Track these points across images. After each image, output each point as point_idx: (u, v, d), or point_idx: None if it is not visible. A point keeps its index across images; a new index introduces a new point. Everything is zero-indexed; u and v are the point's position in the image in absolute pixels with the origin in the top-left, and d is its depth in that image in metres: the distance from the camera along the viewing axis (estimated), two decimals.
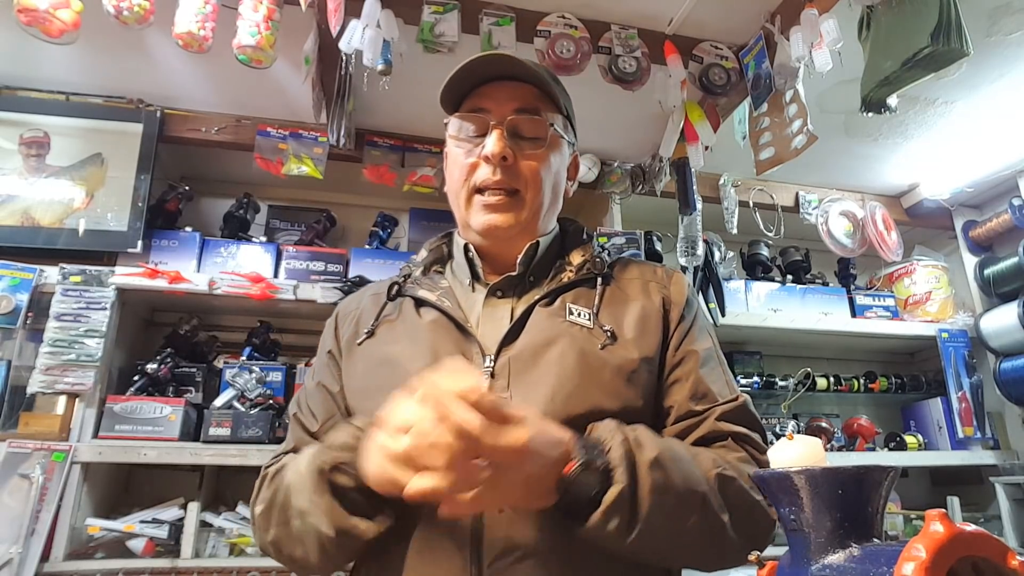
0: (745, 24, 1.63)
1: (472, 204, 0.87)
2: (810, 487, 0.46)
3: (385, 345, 0.86)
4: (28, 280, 1.72)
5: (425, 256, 0.96)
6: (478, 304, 0.87)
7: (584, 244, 0.93)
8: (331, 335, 0.95)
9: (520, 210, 0.86)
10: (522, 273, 0.88)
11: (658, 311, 0.87)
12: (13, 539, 1.49)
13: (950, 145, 2.17)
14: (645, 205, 2.25)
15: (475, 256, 0.90)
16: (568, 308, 0.84)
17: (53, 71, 1.80)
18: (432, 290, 0.88)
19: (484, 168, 0.85)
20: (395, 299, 0.91)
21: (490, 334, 0.82)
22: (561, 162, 0.91)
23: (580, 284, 0.88)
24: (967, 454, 2.26)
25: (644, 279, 0.91)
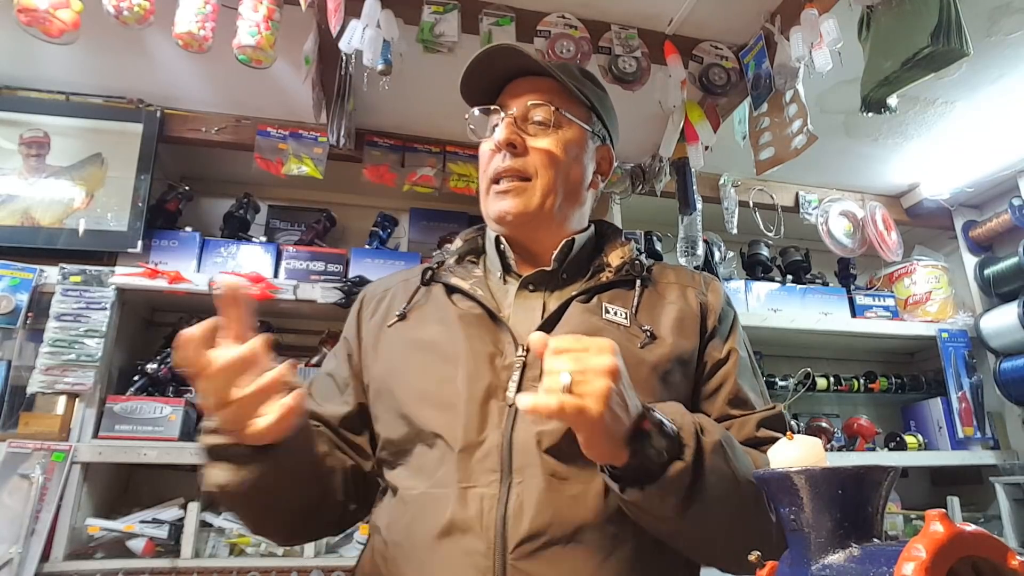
0: (745, 24, 1.63)
1: (489, 194, 0.89)
2: (810, 487, 0.46)
3: (417, 329, 0.86)
4: (28, 280, 1.72)
5: (460, 245, 0.97)
6: (510, 295, 0.87)
7: (623, 245, 0.93)
8: (353, 321, 0.95)
9: (531, 196, 0.86)
10: (556, 269, 0.89)
11: (695, 316, 0.87)
12: (13, 539, 1.49)
13: (950, 145, 2.17)
14: (645, 205, 2.25)
15: (507, 248, 0.91)
16: (604, 307, 0.84)
17: (53, 71, 1.80)
18: (465, 278, 0.89)
19: (497, 157, 0.88)
20: (428, 284, 0.92)
21: (522, 325, 0.82)
22: (580, 152, 0.91)
23: (618, 285, 0.88)
24: (967, 454, 2.26)
25: (682, 284, 0.91)
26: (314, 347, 2.04)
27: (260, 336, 0.67)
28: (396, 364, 0.85)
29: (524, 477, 0.72)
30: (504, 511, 0.70)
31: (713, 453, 0.67)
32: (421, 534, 0.73)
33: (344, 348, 0.94)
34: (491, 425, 0.75)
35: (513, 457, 0.73)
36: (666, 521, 0.67)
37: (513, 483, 0.72)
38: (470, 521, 0.71)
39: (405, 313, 0.89)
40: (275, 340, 2.03)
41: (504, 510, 0.71)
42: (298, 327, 2.12)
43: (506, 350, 0.80)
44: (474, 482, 0.73)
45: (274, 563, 1.65)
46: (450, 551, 0.70)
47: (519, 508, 0.70)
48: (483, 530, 0.70)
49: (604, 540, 0.70)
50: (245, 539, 1.70)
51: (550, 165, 0.87)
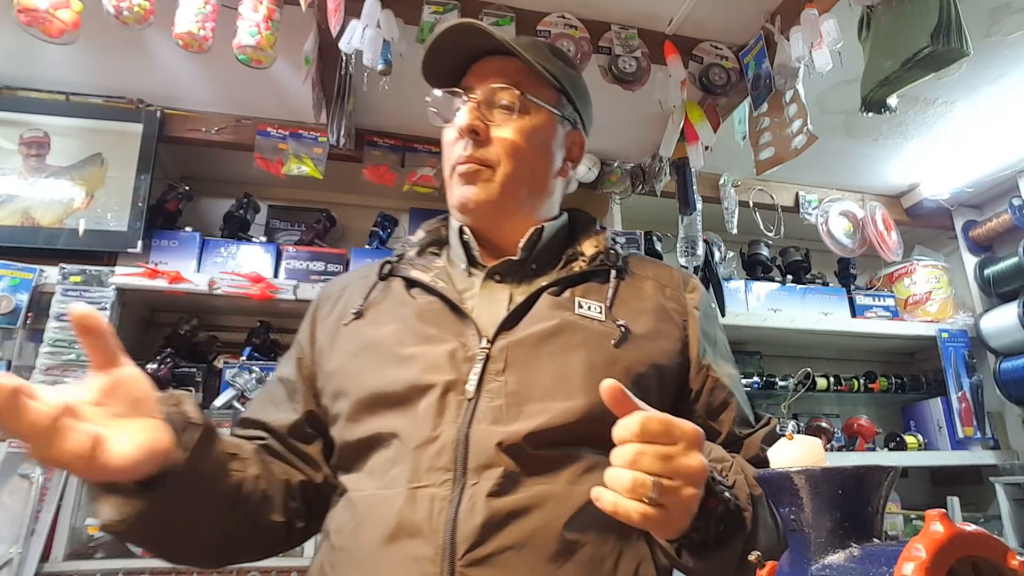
0: (745, 24, 1.63)
1: (452, 180, 0.85)
2: (810, 487, 0.46)
3: (374, 326, 0.82)
4: (28, 280, 1.72)
5: (422, 236, 0.92)
6: (475, 287, 0.83)
7: (597, 235, 0.88)
8: (308, 323, 0.91)
9: (493, 185, 0.82)
10: (524, 259, 0.84)
11: (675, 319, 0.83)
12: (13, 539, 1.49)
13: (950, 145, 2.17)
14: (645, 205, 2.24)
15: (470, 238, 0.85)
16: (577, 302, 0.79)
17: (53, 71, 1.80)
18: (425, 271, 0.84)
19: (460, 144, 0.83)
20: (386, 279, 0.87)
21: (486, 317, 0.77)
22: (547, 138, 0.86)
23: (592, 276, 0.83)
24: (967, 454, 2.26)
25: (660, 282, 0.86)
26: None
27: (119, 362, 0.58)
28: (351, 364, 0.80)
29: (480, 478, 0.67)
30: (455, 513, 0.66)
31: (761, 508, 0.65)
32: (368, 538, 0.69)
33: (295, 352, 0.89)
34: (447, 420, 0.70)
35: (469, 456, 0.68)
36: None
37: (467, 484, 0.67)
38: (419, 524, 0.66)
39: (361, 311, 0.84)
40: (275, 340, 2.03)
41: (455, 512, 0.66)
42: (298, 327, 2.11)
43: (469, 343, 0.75)
44: (425, 482, 0.68)
45: (274, 563, 1.65)
46: (397, 556, 0.66)
47: (471, 510, 0.66)
48: (432, 534, 0.65)
49: (560, 546, 0.66)
50: None
51: (514, 154, 0.82)
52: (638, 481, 0.54)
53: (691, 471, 0.56)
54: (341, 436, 0.78)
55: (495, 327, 0.76)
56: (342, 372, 0.80)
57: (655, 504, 0.54)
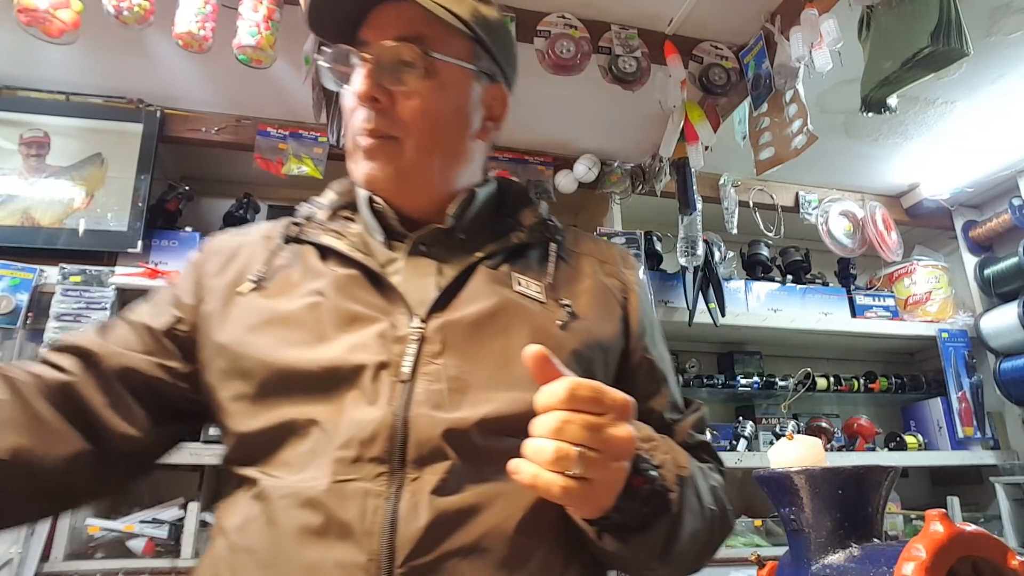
0: (745, 24, 1.63)
1: (354, 153, 0.74)
2: (810, 487, 0.46)
3: (281, 298, 0.69)
4: (28, 280, 1.72)
5: (333, 198, 0.79)
6: (398, 261, 0.72)
7: (531, 205, 0.80)
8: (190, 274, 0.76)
9: (400, 159, 0.72)
10: (452, 227, 0.74)
11: (615, 297, 0.77)
12: (13, 539, 1.49)
13: (950, 145, 2.17)
14: (645, 205, 2.24)
15: (384, 208, 0.74)
16: (515, 279, 0.71)
17: (53, 71, 1.80)
18: (340, 237, 0.72)
19: (359, 112, 0.72)
20: (291, 244, 0.75)
21: (415, 293, 0.67)
22: (461, 98, 0.75)
23: (529, 250, 0.76)
24: (967, 454, 2.26)
25: (599, 257, 0.80)
26: None
27: None
28: (252, 340, 0.66)
29: (421, 472, 0.59)
30: (393, 513, 0.56)
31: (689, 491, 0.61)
32: (283, 539, 0.58)
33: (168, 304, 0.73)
34: (379, 406, 0.61)
35: (409, 446, 0.59)
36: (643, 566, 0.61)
37: (407, 479, 0.58)
38: (350, 524, 0.56)
39: (262, 279, 0.71)
40: None
41: (393, 512, 0.57)
42: None
43: (397, 322, 0.65)
44: (355, 475, 0.58)
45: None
46: (319, 562, 0.56)
47: (413, 510, 0.57)
48: (365, 537, 0.56)
49: (512, 551, 0.58)
50: None
51: (422, 122, 0.72)
52: (562, 452, 0.49)
53: (620, 443, 0.51)
54: (238, 424, 0.65)
55: (427, 305, 0.67)
56: (239, 348, 0.67)
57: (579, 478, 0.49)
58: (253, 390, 0.65)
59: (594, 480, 0.50)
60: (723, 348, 2.49)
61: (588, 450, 0.49)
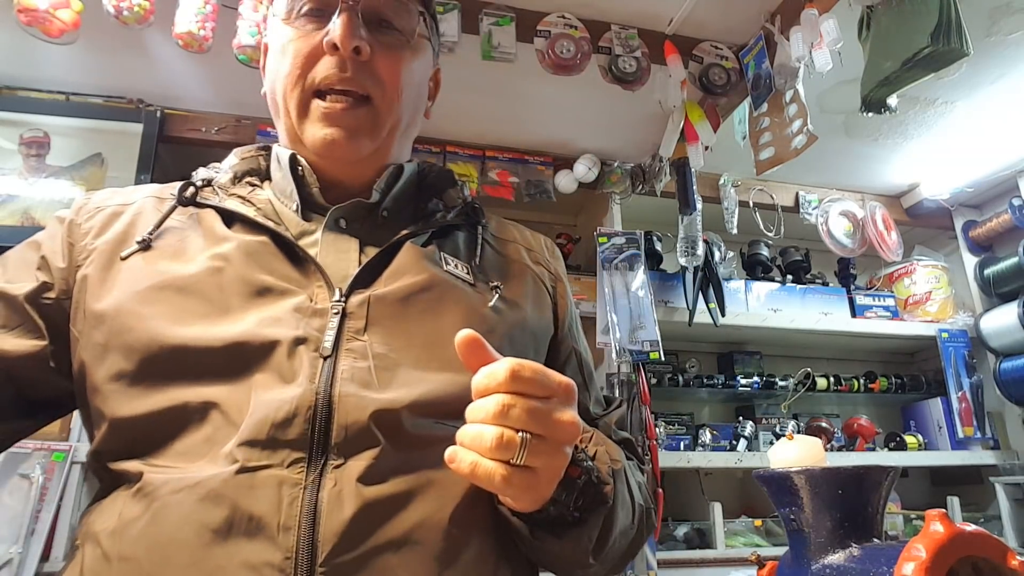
0: (745, 24, 1.63)
1: (309, 111, 0.66)
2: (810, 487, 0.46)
3: (171, 263, 0.60)
4: None
5: (235, 163, 0.73)
6: (315, 234, 0.65)
7: (455, 186, 0.76)
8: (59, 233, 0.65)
9: (374, 127, 0.66)
10: (376, 203, 0.68)
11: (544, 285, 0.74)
12: (13, 539, 1.49)
13: (950, 145, 2.17)
14: (645, 205, 2.25)
15: (307, 172, 0.68)
16: (443, 257, 0.67)
17: (53, 71, 1.80)
18: (246, 204, 0.65)
19: (327, 61, 0.64)
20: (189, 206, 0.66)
21: (335, 267, 0.61)
22: (424, 72, 0.72)
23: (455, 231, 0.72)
24: (967, 454, 2.26)
25: (526, 244, 0.77)
26: None
27: None
28: (137, 308, 0.57)
29: (346, 459, 0.52)
30: (314, 504, 0.50)
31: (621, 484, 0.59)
32: (176, 540, 0.48)
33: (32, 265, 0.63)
34: (298, 383, 0.54)
35: (331, 430, 0.52)
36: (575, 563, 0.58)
37: (328, 465, 0.52)
38: (262, 518, 0.49)
39: (150, 240, 0.62)
40: None
41: (314, 503, 0.50)
42: None
43: (316, 295, 0.59)
44: (267, 461, 0.51)
45: None
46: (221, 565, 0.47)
47: (337, 500, 0.50)
48: (281, 532, 0.49)
49: (445, 544, 0.53)
50: None
51: (401, 85, 0.66)
52: (505, 438, 0.45)
53: (566, 427, 0.47)
54: (116, 409, 0.55)
55: (348, 280, 0.60)
56: (121, 318, 0.57)
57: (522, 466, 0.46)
58: (136, 367, 0.55)
59: (538, 468, 0.47)
60: (723, 348, 2.49)
61: (532, 436, 0.46)
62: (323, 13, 0.65)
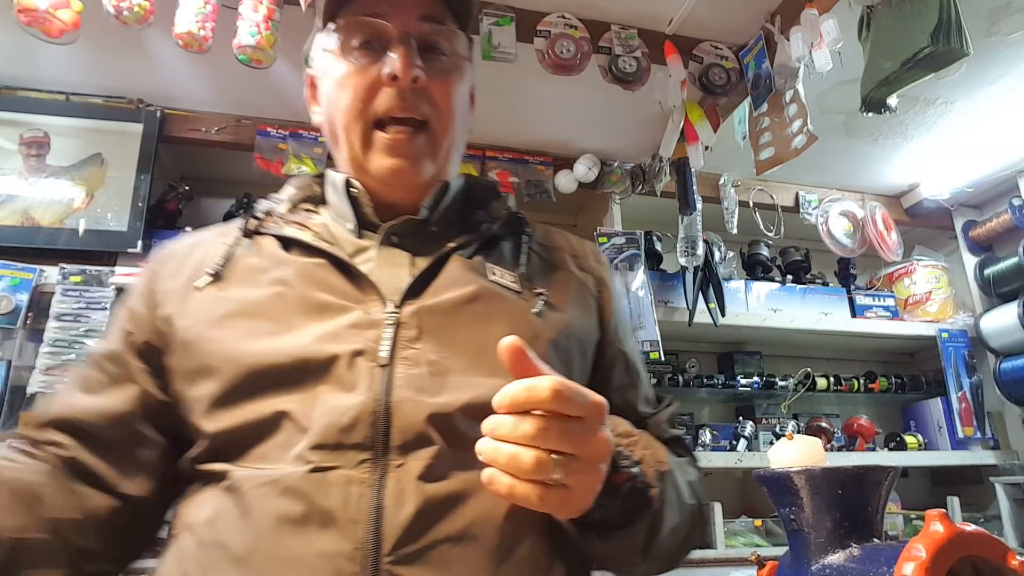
0: (745, 24, 1.63)
1: (373, 142, 0.69)
2: (810, 487, 0.46)
3: (240, 289, 0.66)
4: (28, 280, 1.72)
5: (292, 193, 0.76)
6: (369, 251, 0.69)
7: (500, 198, 0.80)
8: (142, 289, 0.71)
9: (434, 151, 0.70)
10: (425, 219, 0.71)
11: (590, 291, 0.76)
12: None
13: (950, 145, 2.17)
14: (645, 205, 2.25)
15: (361, 193, 0.71)
16: (489, 268, 0.69)
17: (53, 71, 1.80)
18: (303, 228, 0.69)
19: (386, 93, 0.67)
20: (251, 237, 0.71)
21: (388, 282, 0.65)
22: (468, 86, 0.76)
23: (501, 242, 0.74)
24: (967, 454, 2.26)
25: (571, 251, 0.79)
26: None
27: None
28: (214, 334, 0.63)
29: (406, 458, 0.56)
30: (379, 501, 0.54)
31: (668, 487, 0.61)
32: (259, 530, 0.54)
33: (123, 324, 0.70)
34: (359, 392, 0.58)
35: (391, 433, 0.57)
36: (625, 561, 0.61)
37: (391, 465, 0.56)
38: (332, 512, 0.54)
39: (219, 271, 0.67)
40: None
41: (379, 499, 0.54)
42: None
43: (370, 309, 0.63)
44: (336, 462, 0.56)
45: None
46: (301, 553, 0.53)
47: (399, 496, 0.54)
48: (350, 525, 0.53)
49: (500, 540, 0.56)
50: None
51: (454, 108, 0.70)
52: (541, 462, 0.46)
53: (599, 447, 0.50)
54: (207, 425, 0.62)
55: (400, 292, 0.64)
56: (202, 344, 0.63)
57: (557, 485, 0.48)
58: (219, 388, 0.61)
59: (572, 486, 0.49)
60: (723, 348, 2.49)
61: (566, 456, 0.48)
62: (376, 46, 0.69)
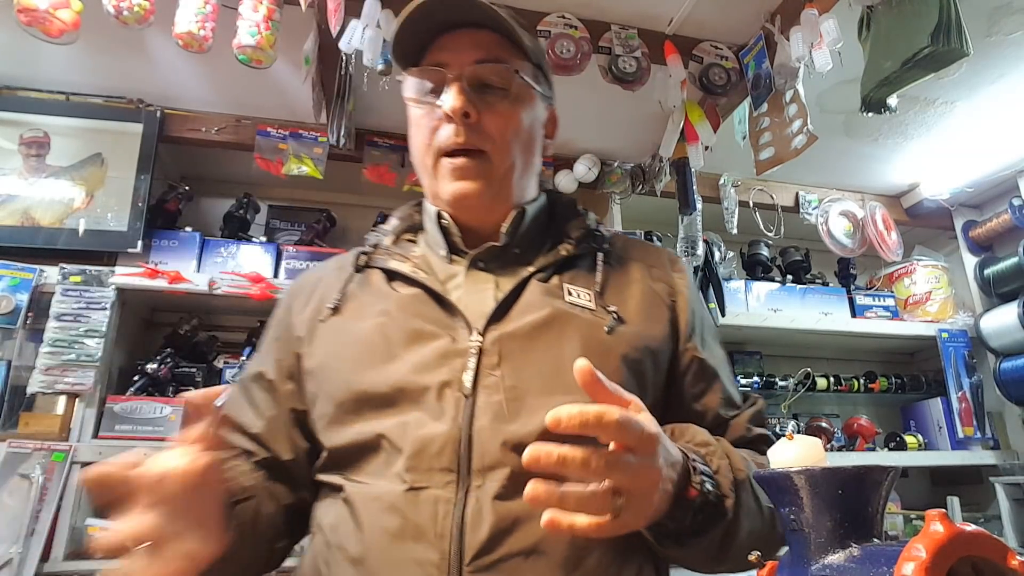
0: (745, 24, 1.63)
1: (439, 170, 0.78)
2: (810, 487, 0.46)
3: (353, 321, 0.76)
4: (28, 280, 1.72)
5: (396, 224, 0.87)
6: (458, 276, 0.78)
7: (579, 217, 0.85)
8: (282, 317, 0.85)
9: (490, 175, 0.77)
10: (507, 244, 0.79)
11: (664, 301, 0.80)
12: (13, 539, 1.49)
13: (950, 145, 2.17)
14: (645, 205, 2.25)
15: (450, 224, 0.80)
16: (566, 289, 0.76)
17: (53, 71, 1.80)
18: (404, 260, 0.79)
19: (446, 128, 0.76)
20: (362, 271, 0.82)
21: (474, 308, 0.73)
22: (534, 117, 0.82)
23: (579, 260, 0.80)
24: (967, 454, 2.26)
25: (647, 262, 0.83)
26: None
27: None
28: (331, 363, 0.75)
29: (484, 480, 0.64)
30: (461, 517, 0.63)
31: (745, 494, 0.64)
32: (368, 539, 0.65)
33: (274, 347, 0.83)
34: (446, 419, 0.67)
35: (473, 456, 0.65)
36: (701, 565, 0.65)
37: (472, 486, 0.64)
38: (423, 527, 0.63)
39: (338, 305, 0.79)
40: None
41: (461, 516, 0.63)
42: None
43: (458, 336, 0.71)
44: (427, 483, 0.65)
45: None
46: (400, 560, 0.63)
47: (478, 514, 0.63)
48: (437, 538, 0.62)
49: (570, 551, 0.63)
50: None
51: (509, 139, 0.77)
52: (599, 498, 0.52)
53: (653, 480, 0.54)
54: (326, 440, 0.74)
55: (484, 319, 0.72)
56: (321, 372, 0.75)
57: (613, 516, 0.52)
58: (335, 410, 0.72)
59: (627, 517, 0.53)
60: (723, 348, 2.49)
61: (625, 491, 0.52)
62: (438, 90, 0.77)
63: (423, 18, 0.76)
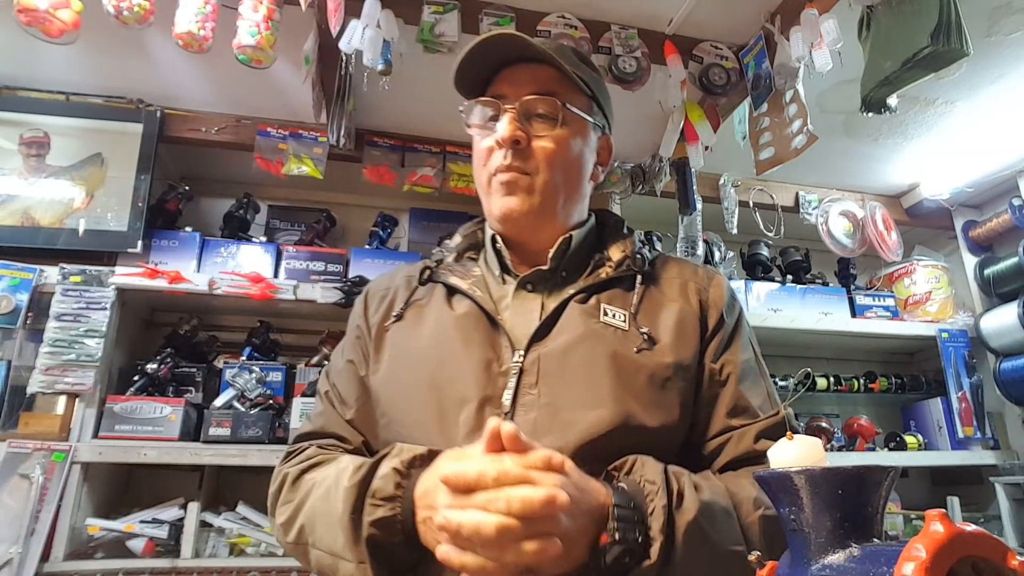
0: (745, 24, 1.63)
1: (491, 188, 0.85)
2: (810, 487, 0.46)
3: (413, 332, 0.84)
4: (28, 280, 1.72)
5: (459, 242, 0.94)
6: (508, 296, 0.85)
7: (624, 239, 0.90)
8: (360, 313, 0.92)
9: (531, 193, 0.83)
10: (554, 268, 0.85)
11: (696, 315, 0.84)
12: (13, 539, 1.49)
13: (950, 145, 2.17)
14: (645, 205, 2.24)
15: (503, 247, 0.87)
16: (603, 309, 0.81)
17: (53, 71, 1.80)
18: (464, 278, 0.86)
19: (498, 153, 0.84)
20: (426, 283, 0.89)
21: (520, 328, 0.79)
22: (583, 145, 0.88)
23: (618, 282, 0.85)
24: (967, 454, 2.26)
25: (683, 279, 0.88)
26: (314, 347, 2.04)
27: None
28: (389, 371, 0.83)
29: None
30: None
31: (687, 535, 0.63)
32: None
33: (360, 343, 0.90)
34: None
35: None
36: None
37: None
38: None
39: (402, 313, 0.86)
40: (275, 340, 2.03)
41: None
42: (298, 327, 2.12)
43: (503, 355, 0.77)
44: None
45: (274, 563, 1.65)
46: None
47: None
48: None
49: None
50: (245, 539, 1.70)
51: (554, 164, 0.83)
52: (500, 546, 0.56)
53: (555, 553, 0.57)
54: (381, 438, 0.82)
55: (527, 338, 0.78)
56: (379, 376, 0.83)
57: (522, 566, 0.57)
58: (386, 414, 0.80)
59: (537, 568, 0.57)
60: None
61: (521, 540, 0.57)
62: (496, 118, 0.85)
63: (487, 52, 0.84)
